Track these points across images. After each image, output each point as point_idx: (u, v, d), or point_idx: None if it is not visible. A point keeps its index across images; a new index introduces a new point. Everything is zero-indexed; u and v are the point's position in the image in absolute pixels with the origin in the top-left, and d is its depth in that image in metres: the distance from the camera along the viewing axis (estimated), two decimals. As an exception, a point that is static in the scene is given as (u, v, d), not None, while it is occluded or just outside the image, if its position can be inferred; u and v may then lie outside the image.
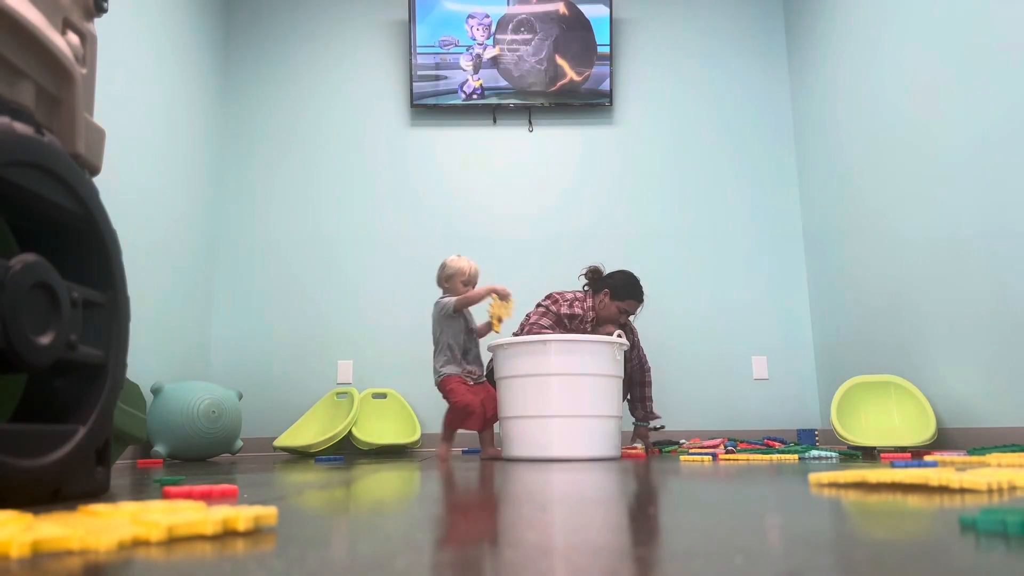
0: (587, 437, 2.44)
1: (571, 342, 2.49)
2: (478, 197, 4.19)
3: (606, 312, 2.96)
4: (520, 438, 2.49)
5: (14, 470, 0.94)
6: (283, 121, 4.23)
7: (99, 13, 1.31)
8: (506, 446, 2.56)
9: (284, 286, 4.05)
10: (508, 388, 2.57)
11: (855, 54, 3.56)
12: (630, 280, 2.99)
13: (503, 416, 2.60)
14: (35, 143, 1.03)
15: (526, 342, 2.51)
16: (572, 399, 2.44)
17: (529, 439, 2.47)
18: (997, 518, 0.63)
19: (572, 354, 2.47)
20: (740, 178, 4.20)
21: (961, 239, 2.76)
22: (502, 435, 2.61)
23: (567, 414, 2.43)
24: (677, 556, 0.58)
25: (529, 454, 2.46)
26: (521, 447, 2.49)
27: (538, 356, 2.48)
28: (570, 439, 2.42)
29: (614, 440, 2.50)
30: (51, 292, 1.04)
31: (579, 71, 4.20)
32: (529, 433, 2.47)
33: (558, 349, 2.47)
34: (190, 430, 2.95)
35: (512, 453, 2.52)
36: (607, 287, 2.97)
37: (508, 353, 2.57)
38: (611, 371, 2.51)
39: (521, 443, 2.49)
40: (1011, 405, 2.53)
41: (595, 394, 2.47)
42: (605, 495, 1.14)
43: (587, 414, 2.45)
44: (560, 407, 2.44)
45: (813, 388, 3.98)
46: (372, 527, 0.78)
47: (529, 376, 2.49)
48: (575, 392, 2.45)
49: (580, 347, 2.49)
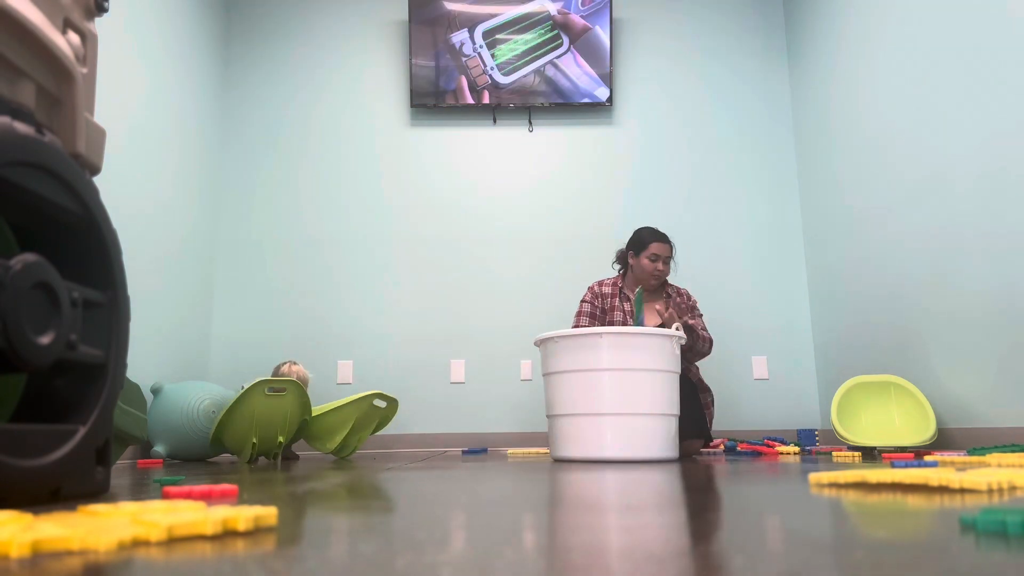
0: (642, 437, 2.31)
1: (624, 335, 2.35)
2: (478, 197, 4.19)
3: (641, 272, 2.91)
4: (570, 437, 2.38)
5: (14, 470, 0.94)
6: (283, 121, 4.23)
7: (99, 13, 1.31)
8: (555, 445, 2.45)
9: (284, 286, 4.06)
10: (556, 384, 2.44)
11: (855, 54, 3.56)
12: (641, 230, 2.97)
13: (551, 414, 2.49)
14: (35, 143, 1.03)
15: (576, 335, 2.39)
16: (626, 396, 2.31)
17: (580, 439, 2.35)
18: (997, 518, 0.63)
19: (625, 348, 2.33)
20: (740, 178, 4.20)
21: (961, 239, 2.76)
22: (549, 433, 2.51)
23: (621, 412, 2.31)
24: (679, 554, 0.58)
25: (580, 455, 2.35)
26: (571, 447, 2.37)
27: (589, 351, 2.35)
28: (624, 439, 2.30)
29: (672, 440, 2.38)
30: (51, 292, 1.04)
31: (579, 71, 4.20)
32: (580, 432, 2.35)
33: (610, 343, 2.34)
34: (190, 430, 2.95)
35: (561, 453, 2.41)
36: (629, 251, 2.98)
37: (557, 347, 2.44)
38: (668, 366, 2.39)
39: (571, 443, 2.37)
40: (1011, 405, 2.53)
41: (651, 391, 2.34)
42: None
43: (643, 412, 2.32)
44: (613, 405, 2.31)
45: (813, 388, 3.98)
46: (373, 527, 0.78)
47: (579, 371, 2.37)
48: (629, 389, 2.32)
49: (634, 341, 2.34)
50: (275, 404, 2.67)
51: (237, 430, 2.67)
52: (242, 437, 2.68)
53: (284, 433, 2.68)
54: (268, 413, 2.66)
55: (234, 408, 2.65)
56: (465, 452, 3.38)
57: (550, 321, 3.99)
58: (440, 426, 3.91)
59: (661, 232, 2.93)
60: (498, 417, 3.93)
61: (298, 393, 2.70)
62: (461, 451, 3.51)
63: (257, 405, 2.65)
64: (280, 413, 2.67)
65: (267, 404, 2.66)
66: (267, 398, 2.66)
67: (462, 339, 3.95)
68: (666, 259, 2.91)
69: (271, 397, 2.66)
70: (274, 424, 2.67)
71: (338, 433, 2.87)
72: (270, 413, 2.66)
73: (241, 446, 2.69)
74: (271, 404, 2.66)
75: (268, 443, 2.69)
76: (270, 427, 2.66)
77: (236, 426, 2.66)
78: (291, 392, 2.69)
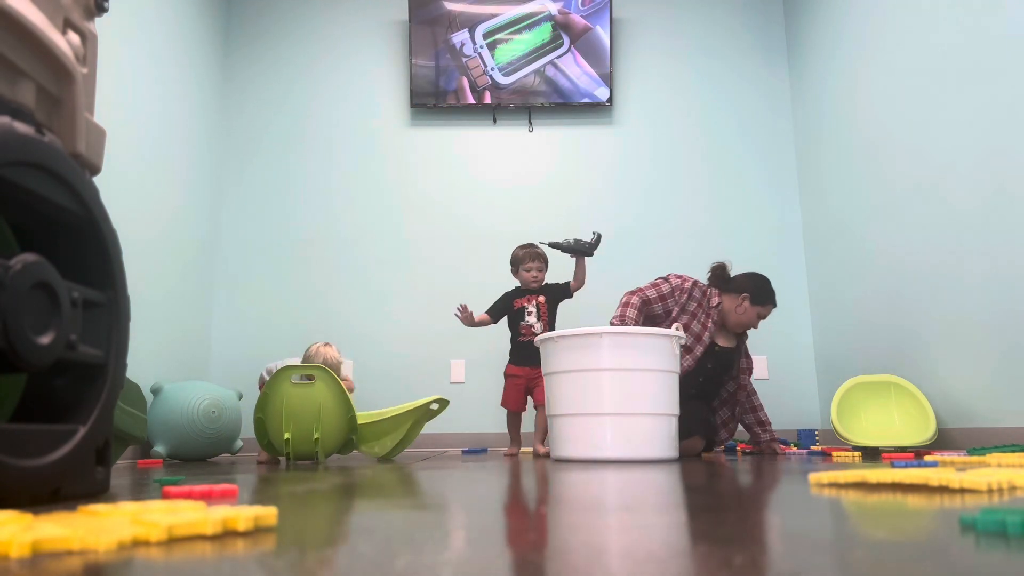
0: (642, 437, 2.29)
1: (624, 335, 2.35)
2: (478, 197, 4.19)
3: (744, 317, 2.79)
4: (571, 437, 2.36)
5: (14, 470, 0.94)
6: (283, 121, 4.23)
7: (99, 12, 1.31)
8: (555, 445, 2.43)
9: (284, 286, 4.06)
10: (557, 384, 2.42)
11: (855, 53, 3.55)
12: (768, 285, 2.82)
13: (551, 414, 2.46)
14: (35, 143, 1.03)
15: (577, 335, 2.38)
16: (626, 396, 2.30)
17: (580, 438, 2.33)
18: (997, 518, 0.63)
19: (626, 348, 2.33)
20: (740, 177, 4.20)
21: (961, 239, 2.76)
22: (551, 433, 2.49)
23: (621, 412, 2.29)
24: (679, 554, 0.58)
25: (580, 455, 2.33)
26: (572, 447, 2.35)
27: (590, 350, 2.33)
28: (624, 439, 2.28)
29: (672, 440, 2.36)
30: (51, 292, 1.04)
31: (579, 71, 4.19)
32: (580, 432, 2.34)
33: (611, 343, 2.33)
34: (190, 430, 2.95)
35: (561, 453, 2.39)
36: (747, 291, 2.79)
37: (557, 347, 2.42)
38: (668, 366, 2.38)
39: (572, 443, 2.35)
40: (1011, 405, 2.53)
41: (652, 390, 2.32)
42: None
43: (643, 412, 2.31)
44: (613, 405, 2.30)
45: (813, 388, 3.98)
46: (373, 527, 0.78)
47: (580, 371, 2.35)
48: (630, 388, 2.30)
49: (634, 341, 2.34)
50: (305, 394, 2.42)
51: (274, 426, 2.44)
52: (278, 434, 2.44)
53: (320, 428, 2.43)
54: (299, 405, 2.41)
55: (265, 401, 2.44)
56: (465, 452, 3.38)
57: (550, 321, 3.99)
58: (440, 426, 3.90)
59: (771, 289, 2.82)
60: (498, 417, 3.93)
61: (328, 381, 2.46)
62: (461, 451, 3.51)
63: (288, 395, 2.41)
64: (312, 405, 2.42)
65: (297, 394, 2.41)
66: (295, 387, 2.43)
67: (462, 339, 3.95)
68: None
69: (298, 386, 2.43)
70: (307, 418, 2.41)
71: (389, 437, 2.66)
72: (301, 405, 2.41)
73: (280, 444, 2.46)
74: (301, 394, 2.42)
75: (304, 440, 2.43)
76: (303, 421, 2.41)
77: (272, 421, 2.43)
78: (320, 380, 2.45)
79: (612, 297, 4.09)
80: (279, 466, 2.32)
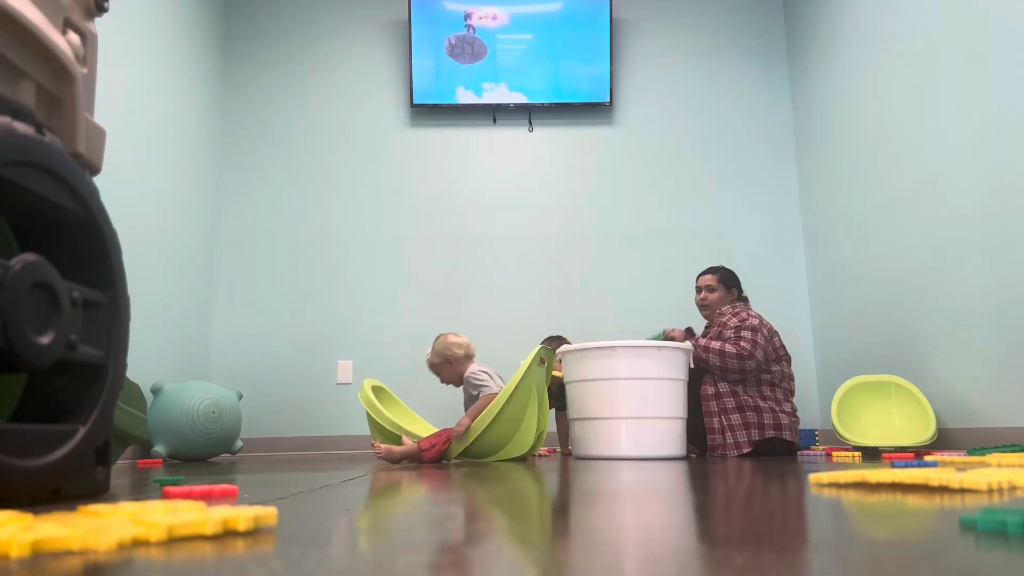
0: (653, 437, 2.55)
1: (637, 348, 2.64)
2: (478, 197, 4.19)
3: None
4: (591, 438, 2.61)
5: (14, 470, 0.94)
6: (282, 121, 4.23)
7: (99, 12, 1.31)
8: (576, 445, 2.68)
9: (284, 286, 4.06)
10: (579, 391, 2.68)
11: (855, 53, 3.55)
12: None
13: (573, 418, 2.70)
14: (35, 143, 1.03)
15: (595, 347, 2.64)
16: (640, 401, 2.57)
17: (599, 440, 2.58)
18: (997, 518, 0.63)
19: (639, 359, 2.61)
20: (740, 178, 4.20)
21: (961, 239, 2.76)
22: (572, 435, 2.73)
23: (635, 416, 2.56)
24: (679, 554, 0.58)
25: (599, 453, 2.58)
26: (592, 447, 2.60)
27: (607, 361, 2.61)
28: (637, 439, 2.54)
29: (680, 440, 2.62)
30: (51, 292, 1.04)
31: (579, 71, 4.20)
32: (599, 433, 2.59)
33: (625, 355, 2.61)
34: (190, 430, 2.96)
35: (582, 452, 2.64)
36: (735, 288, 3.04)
37: (578, 358, 2.68)
38: (676, 375, 2.65)
39: (591, 443, 2.60)
40: (1011, 405, 2.53)
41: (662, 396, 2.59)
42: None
43: (654, 415, 2.57)
44: (628, 409, 2.56)
45: (813, 388, 3.98)
46: (372, 527, 0.78)
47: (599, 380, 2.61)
48: (643, 395, 2.57)
49: (647, 352, 2.63)
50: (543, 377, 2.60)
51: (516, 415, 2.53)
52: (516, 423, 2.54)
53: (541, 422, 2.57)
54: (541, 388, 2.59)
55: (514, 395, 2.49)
56: None
57: (550, 321, 3.98)
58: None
59: None
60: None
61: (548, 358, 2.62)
62: None
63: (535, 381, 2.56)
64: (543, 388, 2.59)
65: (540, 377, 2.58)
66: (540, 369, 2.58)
67: (462, 339, 3.94)
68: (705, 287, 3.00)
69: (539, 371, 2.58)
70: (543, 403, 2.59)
71: (521, 431, 2.54)
72: (541, 388, 2.60)
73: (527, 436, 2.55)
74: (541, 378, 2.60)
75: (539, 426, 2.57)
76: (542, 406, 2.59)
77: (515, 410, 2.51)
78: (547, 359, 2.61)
79: (612, 297, 4.10)
80: None
